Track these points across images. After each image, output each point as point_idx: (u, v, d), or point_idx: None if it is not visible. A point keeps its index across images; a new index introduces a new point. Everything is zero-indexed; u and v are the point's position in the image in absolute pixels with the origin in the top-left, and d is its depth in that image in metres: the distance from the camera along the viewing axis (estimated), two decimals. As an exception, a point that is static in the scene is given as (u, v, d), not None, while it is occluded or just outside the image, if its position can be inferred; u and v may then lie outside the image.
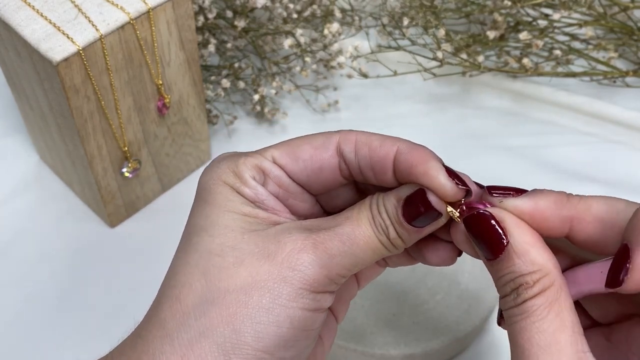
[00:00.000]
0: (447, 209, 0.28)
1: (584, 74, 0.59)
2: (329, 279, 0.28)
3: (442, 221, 0.28)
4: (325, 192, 0.32)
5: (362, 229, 0.28)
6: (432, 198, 0.28)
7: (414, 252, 0.32)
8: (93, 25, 0.41)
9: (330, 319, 0.33)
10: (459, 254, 0.31)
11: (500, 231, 0.27)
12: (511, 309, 0.27)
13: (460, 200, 0.28)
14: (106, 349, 0.31)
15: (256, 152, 0.31)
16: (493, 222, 0.27)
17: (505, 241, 0.27)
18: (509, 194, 0.28)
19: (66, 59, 0.40)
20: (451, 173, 0.28)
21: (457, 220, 0.28)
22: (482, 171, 0.57)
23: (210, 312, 0.27)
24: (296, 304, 0.27)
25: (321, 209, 0.33)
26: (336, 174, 0.30)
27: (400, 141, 0.29)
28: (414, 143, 0.29)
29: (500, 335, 0.47)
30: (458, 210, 0.28)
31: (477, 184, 0.29)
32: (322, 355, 0.33)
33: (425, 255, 0.31)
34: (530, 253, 0.27)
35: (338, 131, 0.30)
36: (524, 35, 0.57)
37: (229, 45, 0.59)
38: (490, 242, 0.27)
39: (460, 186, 0.28)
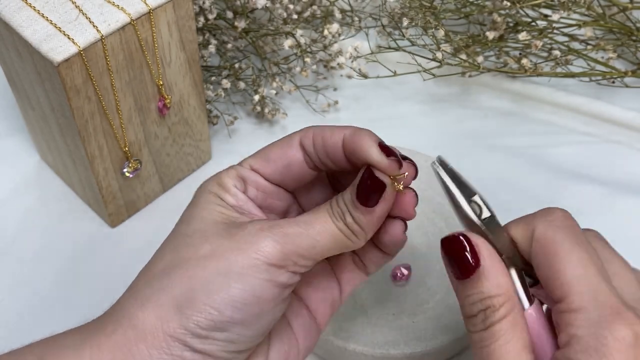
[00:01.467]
0: (390, 182, 0.32)
1: (583, 74, 0.59)
2: (283, 253, 0.31)
3: (389, 195, 0.32)
4: (299, 186, 0.36)
5: (319, 215, 0.32)
6: (376, 172, 0.32)
7: (381, 243, 0.36)
8: (94, 26, 0.41)
9: (308, 320, 0.36)
10: (405, 229, 0.35)
11: (473, 255, 0.31)
12: (480, 332, 0.30)
13: (402, 175, 0.32)
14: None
15: (235, 164, 0.35)
16: (469, 247, 0.31)
17: (477, 264, 0.30)
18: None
19: (67, 60, 0.40)
20: (384, 149, 0.32)
21: (401, 191, 0.33)
22: (482, 171, 0.57)
23: (172, 274, 0.31)
24: (249, 271, 0.30)
25: (299, 207, 0.37)
26: (303, 166, 0.34)
27: (347, 128, 0.33)
28: (358, 128, 0.33)
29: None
30: (402, 184, 0.32)
31: (404, 157, 0.33)
32: (296, 356, 0.35)
33: (382, 239, 0.35)
34: (497, 277, 0.30)
35: (299, 130, 0.35)
36: (523, 36, 0.57)
37: (229, 45, 0.59)
38: (463, 264, 0.31)
39: (390, 158, 0.32)
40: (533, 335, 0.31)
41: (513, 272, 0.32)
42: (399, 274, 0.47)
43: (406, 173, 0.32)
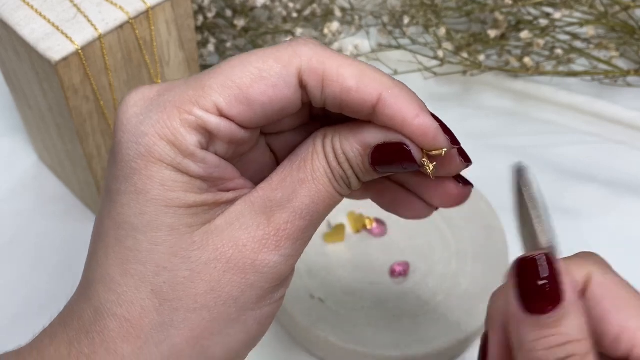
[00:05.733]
0: (423, 161, 0.25)
1: (585, 73, 0.59)
2: (294, 261, 0.25)
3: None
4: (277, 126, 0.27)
5: (321, 193, 0.25)
6: (415, 153, 0.25)
7: (386, 206, 0.29)
8: (92, 24, 0.41)
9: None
10: (436, 208, 0.28)
11: (556, 286, 0.23)
12: None
13: (440, 152, 0.25)
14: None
15: (190, 99, 0.23)
16: (553, 274, 0.23)
17: (561, 298, 0.23)
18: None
19: (65, 59, 0.40)
20: (444, 127, 0.25)
21: (430, 174, 0.25)
22: (482, 171, 0.56)
23: (173, 337, 0.24)
24: (264, 303, 0.25)
25: (266, 145, 0.28)
26: (298, 108, 0.25)
27: (383, 84, 0.24)
28: (399, 87, 0.25)
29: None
30: (433, 164, 0.25)
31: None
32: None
33: (399, 212, 0.28)
34: (581, 317, 0.23)
35: (294, 50, 0.24)
36: (525, 35, 0.57)
37: (228, 44, 0.59)
38: (542, 294, 0.23)
39: (452, 144, 0.25)
40: None
41: None
42: (396, 270, 0.46)
43: (443, 150, 0.25)
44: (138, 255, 0.24)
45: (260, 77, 0.23)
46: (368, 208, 0.50)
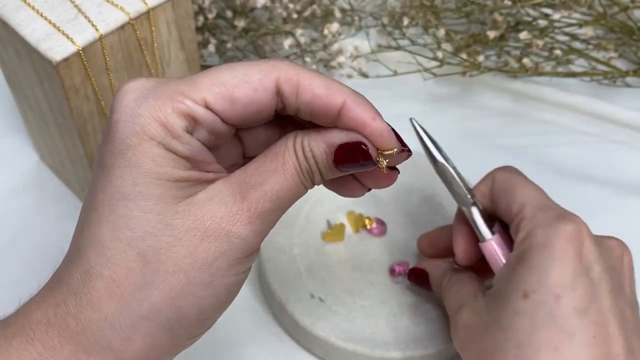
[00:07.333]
0: (378, 159, 0.29)
1: (584, 73, 0.59)
2: (261, 238, 0.29)
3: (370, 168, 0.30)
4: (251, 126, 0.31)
5: (289, 182, 0.29)
6: (372, 151, 0.29)
7: (327, 184, 0.32)
8: (93, 25, 0.41)
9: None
10: (369, 189, 0.32)
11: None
12: None
13: (392, 152, 0.29)
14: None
15: (182, 91, 0.28)
16: None
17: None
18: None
19: (66, 59, 0.40)
20: (394, 131, 0.30)
21: (383, 169, 0.30)
22: (483, 171, 0.56)
23: (152, 296, 0.27)
24: (233, 272, 0.29)
25: (239, 140, 0.32)
26: (272, 112, 0.29)
27: (346, 93, 0.29)
28: (359, 96, 0.29)
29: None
30: (386, 161, 0.30)
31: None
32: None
33: (338, 191, 0.32)
34: None
35: (274, 63, 0.28)
36: (524, 35, 0.57)
37: (228, 45, 0.59)
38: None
39: (403, 148, 0.30)
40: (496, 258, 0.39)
41: (475, 210, 0.40)
42: (396, 270, 0.47)
43: (395, 150, 0.29)
44: (128, 221, 0.27)
45: (244, 81, 0.28)
46: (368, 208, 0.50)
